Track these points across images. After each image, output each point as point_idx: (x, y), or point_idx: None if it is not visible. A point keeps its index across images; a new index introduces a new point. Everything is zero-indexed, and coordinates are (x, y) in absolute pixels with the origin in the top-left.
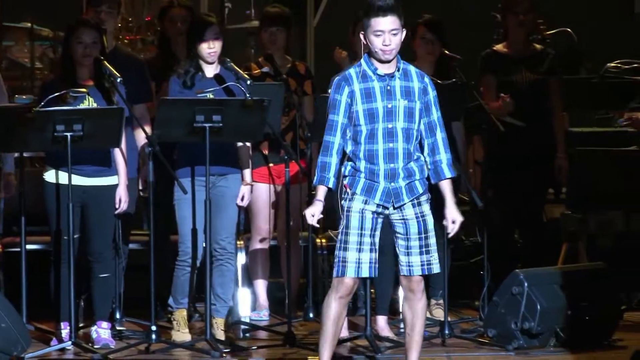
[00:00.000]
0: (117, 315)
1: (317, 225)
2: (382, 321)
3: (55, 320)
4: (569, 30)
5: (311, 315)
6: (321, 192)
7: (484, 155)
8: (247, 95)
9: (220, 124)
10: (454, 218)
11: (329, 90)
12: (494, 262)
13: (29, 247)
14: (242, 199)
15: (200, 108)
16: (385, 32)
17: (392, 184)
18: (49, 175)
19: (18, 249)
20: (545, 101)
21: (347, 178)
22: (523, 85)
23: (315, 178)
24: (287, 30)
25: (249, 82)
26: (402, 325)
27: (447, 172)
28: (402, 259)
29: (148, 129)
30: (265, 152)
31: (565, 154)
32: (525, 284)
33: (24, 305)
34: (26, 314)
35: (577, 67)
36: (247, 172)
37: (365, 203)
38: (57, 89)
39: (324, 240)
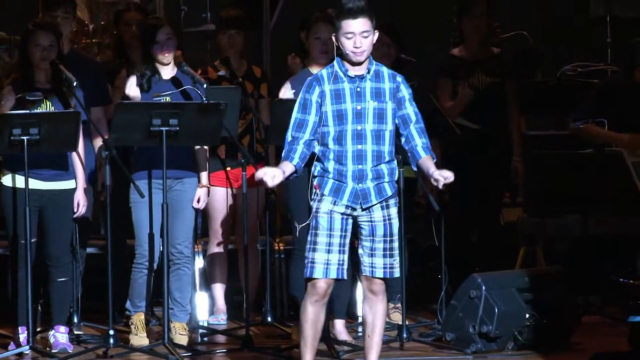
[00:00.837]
0: (75, 320)
1: (272, 186)
2: (339, 325)
3: (13, 325)
4: (524, 33)
5: (269, 319)
6: (287, 165)
7: (440, 158)
8: (204, 98)
9: (177, 128)
10: (443, 174)
11: (282, 92)
12: (451, 266)
13: None
14: (199, 201)
15: (157, 112)
16: (356, 34)
17: (360, 184)
18: (6, 179)
19: None
20: (501, 104)
21: (317, 178)
22: (479, 89)
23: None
24: (245, 33)
25: (205, 85)
26: (360, 329)
27: (422, 153)
28: (365, 259)
29: (105, 132)
30: (223, 155)
31: (520, 157)
32: (483, 288)
33: None
34: None
35: (534, 70)
36: (204, 175)
37: (334, 204)
38: (16, 93)
39: (281, 245)
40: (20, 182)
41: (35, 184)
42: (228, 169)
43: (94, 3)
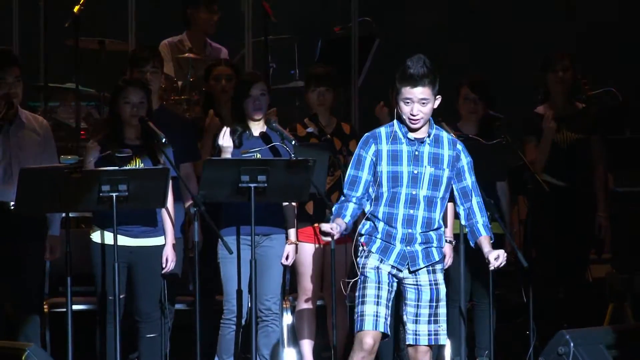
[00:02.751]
0: None
1: (334, 233)
2: None
3: None
4: (613, 89)
5: None
6: (338, 220)
7: (527, 214)
8: (292, 155)
9: (265, 184)
10: (497, 253)
11: None
12: (539, 322)
13: (75, 307)
14: (287, 258)
15: (246, 168)
16: (415, 101)
17: (408, 247)
18: (95, 236)
19: (64, 309)
20: (587, 161)
21: (364, 236)
22: (564, 145)
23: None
24: (334, 90)
25: (293, 142)
26: None
27: (483, 231)
28: (410, 326)
29: (194, 188)
30: (311, 212)
31: (606, 213)
32: (572, 344)
33: None
34: None
35: (622, 126)
36: (292, 232)
37: (381, 262)
38: (102, 149)
39: None
40: (109, 238)
41: (124, 240)
42: (316, 225)
43: (182, 60)
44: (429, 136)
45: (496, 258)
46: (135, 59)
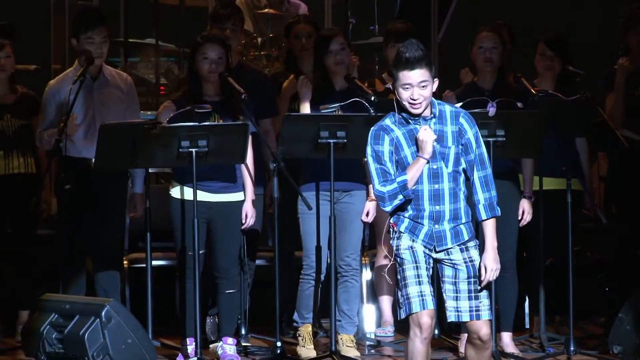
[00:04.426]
0: (243, 331)
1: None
2: (507, 337)
3: (181, 336)
4: None
5: (436, 331)
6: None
7: (607, 171)
8: (372, 111)
9: (345, 140)
10: (486, 265)
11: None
12: (619, 278)
13: (154, 262)
14: (367, 215)
15: (325, 124)
16: (414, 85)
17: (437, 226)
18: (175, 192)
19: (144, 265)
20: None
21: (393, 217)
22: None
23: (398, 198)
24: None
25: (373, 97)
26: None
27: (483, 214)
28: (450, 303)
29: (273, 144)
30: None
31: None
32: None
33: (149, 321)
34: (152, 330)
35: None
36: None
37: (413, 241)
38: (183, 105)
39: None
40: (188, 194)
41: (203, 196)
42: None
43: (260, 16)
44: (434, 116)
45: (488, 270)
46: (216, 16)
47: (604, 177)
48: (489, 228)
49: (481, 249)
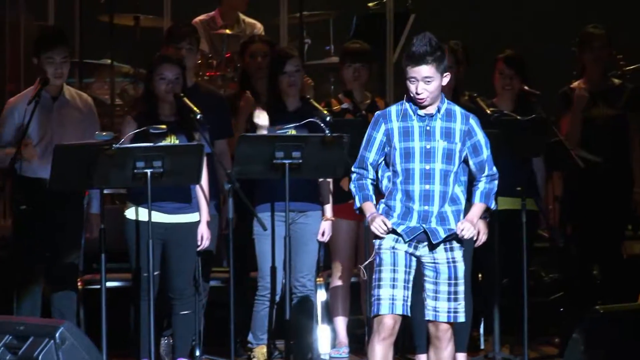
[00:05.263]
0: (197, 352)
1: (390, 228)
2: (461, 358)
3: (135, 358)
4: None
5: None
6: (372, 207)
7: (563, 191)
8: (327, 131)
9: (300, 160)
10: (463, 226)
11: None
12: (574, 299)
13: (109, 284)
14: (323, 235)
15: (280, 144)
16: (419, 80)
17: (424, 225)
18: (130, 212)
19: (98, 286)
20: (623, 137)
21: (383, 208)
22: (600, 121)
23: (357, 200)
24: (369, 66)
25: (328, 118)
26: None
27: (478, 198)
28: (429, 303)
29: (228, 165)
30: (346, 188)
31: None
32: (605, 321)
33: (104, 342)
34: (106, 351)
35: None
36: (328, 208)
37: (396, 242)
38: (138, 125)
39: None
40: (143, 215)
41: (158, 217)
42: (351, 201)
43: (216, 37)
44: (439, 111)
45: (462, 230)
46: (172, 35)
47: (559, 197)
48: (477, 208)
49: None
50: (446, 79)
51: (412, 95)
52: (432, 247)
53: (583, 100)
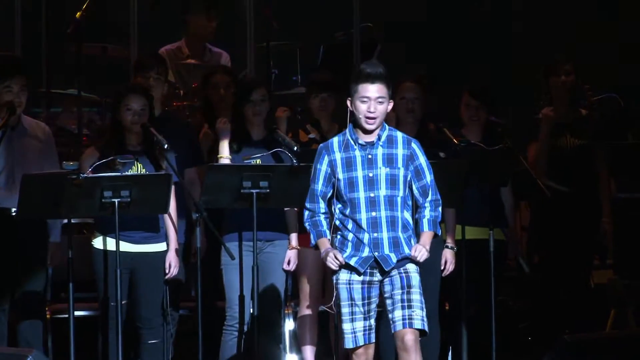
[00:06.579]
0: None
1: (343, 262)
2: None
3: None
4: (615, 95)
5: None
6: (326, 242)
7: (530, 220)
8: (294, 161)
9: (268, 190)
10: (417, 248)
11: None
12: (541, 327)
13: (77, 313)
14: (289, 264)
15: (248, 174)
16: (372, 99)
17: (376, 253)
18: (97, 242)
19: (66, 315)
20: (590, 166)
21: (336, 249)
22: (567, 151)
23: (312, 238)
24: (336, 96)
25: (296, 148)
26: None
27: (425, 226)
28: (388, 316)
29: (197, 194)
30: None
31: (610, 218)
32: (573, 350)
33: None
34: None
35: (625, 133)
36: (294, 237)
37: (351, 274)
38: (106, 153)
39: None
40: (111, 244)
41: (126, 246)
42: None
43: (182, 67)
44: (379, 139)
45: (417, 254)
46: (139, 65)
47: (526, 226)
48: (426, 236)
49: None
50: (390, 106)
51: (361, 116)
52: (385, 273)
53: (550, 120)
